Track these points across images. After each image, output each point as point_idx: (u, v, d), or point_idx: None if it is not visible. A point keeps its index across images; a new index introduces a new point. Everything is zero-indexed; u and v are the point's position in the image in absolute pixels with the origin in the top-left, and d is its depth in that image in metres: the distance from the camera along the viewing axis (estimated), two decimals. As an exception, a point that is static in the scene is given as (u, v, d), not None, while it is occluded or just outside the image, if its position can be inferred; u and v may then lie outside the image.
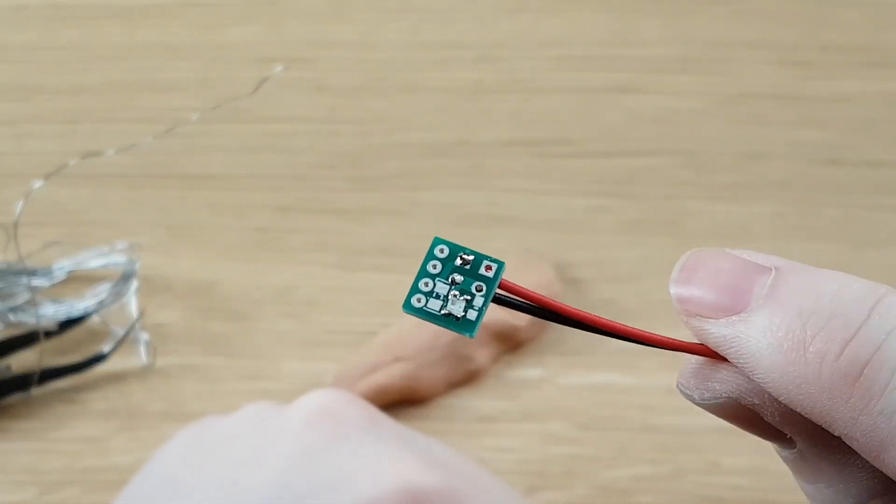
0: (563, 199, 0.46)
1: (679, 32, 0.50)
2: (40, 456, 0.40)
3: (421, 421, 0.41)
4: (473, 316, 0.18)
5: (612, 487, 0.39)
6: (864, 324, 0.16)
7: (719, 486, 0.39)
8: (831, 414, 0.16)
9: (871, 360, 0.16)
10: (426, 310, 0.18)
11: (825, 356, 0.16)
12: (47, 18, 0.52)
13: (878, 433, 0.16)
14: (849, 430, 0.16)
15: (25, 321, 0.42)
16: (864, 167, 0.47)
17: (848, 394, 0.16)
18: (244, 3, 0.52)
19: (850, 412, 0.16)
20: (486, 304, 0.18)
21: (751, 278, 0.17)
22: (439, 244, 0.19)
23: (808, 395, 0.16)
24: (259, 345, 0.43)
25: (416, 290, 0.19)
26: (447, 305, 0.18)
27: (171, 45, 0.51)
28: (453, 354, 0.41)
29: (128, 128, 0.48)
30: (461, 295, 0.18)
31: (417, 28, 0.51)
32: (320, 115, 0.49)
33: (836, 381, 0.16)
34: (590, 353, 0.42)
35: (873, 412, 0.16)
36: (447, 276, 0.19)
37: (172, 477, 0.31)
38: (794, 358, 0.16)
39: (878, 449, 0.16)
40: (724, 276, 0.18)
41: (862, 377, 0.16)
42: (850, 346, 0.16)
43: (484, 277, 0.19)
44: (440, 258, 0.19)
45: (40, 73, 0.51)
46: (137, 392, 0.41)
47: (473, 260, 0.19)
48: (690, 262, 0.18)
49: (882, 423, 0.16)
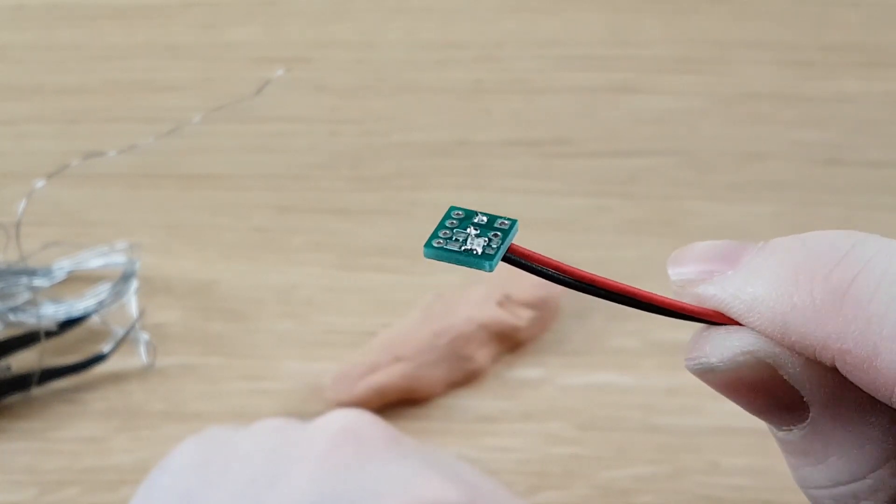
0: (563, 199, 0.46)
1: (679, 32, 0.50)
2: (40, 456, 0.40)
3: (421, 421, 0.41)
4: (492, 251, 0.19)
5: (612, 487, 0.39)
6: (849, 252, 0.18)
7: (719, 486, 0.39)
8: (825, 330, 0.17)
9: (857, 275, 0.17)
10: (447, 248, 0.19)
11: (814, 280, 0.17)
12: (47, 18, 0.52)
13: (869, 337, 0.17)
14: (842, 343, 0.17)
15: (25, 321, 0.42)
16: (864, 167, 0.47)
17: (839, 307, 0.17)
18: (244, 3, 0.52)
19: (842, 324, 0.17)
20: (504, 244, 0.19)
21: (742, 247, 0.19)
22: (455, 210, 0.20)
23: (802, 318, 0.17)
24: (259, 345, 0.43)
25: (437, 235, 0.19)
26: (466, 243, 0.19)
27: (171, 45, 0.51)
28: (453, 354, 0.41)
29: (128, 128, 0.48)
30: (480, 237, 0.19)
31: (417, 28, 0.51)
32: (320, 115, 0.49)
33: (828, 297, 0.17)
34: (590, 353, 0.42)
35: (862, 319, 0.17)
36: (465, 228, 0.19)
37: (185, 492, 0.31)
38: (788, 290, 0.18)
39: (872, 355, 0.17)
40: (718, 249, 0.19)
41: (849, 290, 0.17)
42: (837, 268, 0.17)
43: (500, 229, 0.19)
44: (457, 218, 0.20)
45: (40, 73, 0.51)
46: (137, 392, 0.42)
47: (488, 220, 0.20)
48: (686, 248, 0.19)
49: (872, 328, 0.17)
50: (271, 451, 0.31)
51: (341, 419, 0.32)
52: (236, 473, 0.31)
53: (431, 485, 0.30)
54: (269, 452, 0.31)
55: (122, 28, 0.52)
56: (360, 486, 0.30)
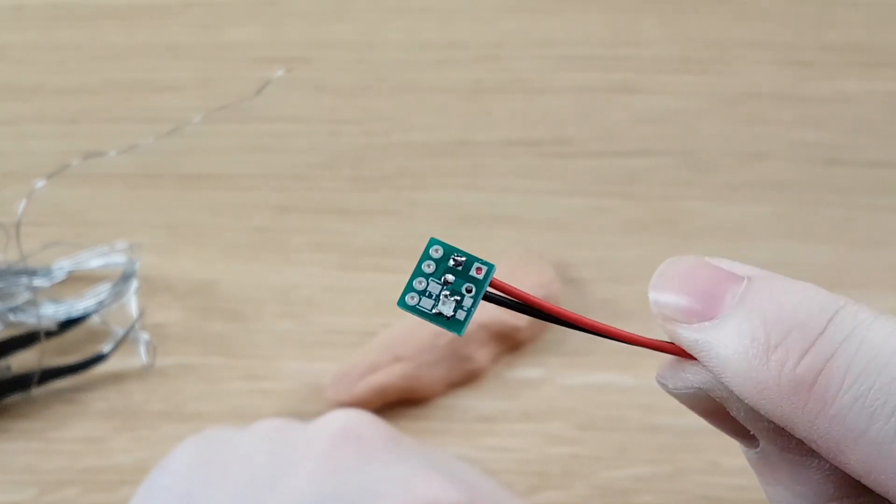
0: (563, 199, 0.46)
1: (679, 32, 0.50)
2: (40, 456, 0.40)
3: (421, 421, 0.41)
4: (462, 316, 0.19)
5: (612, 487, 0.39)
6: (821, 335, 0.17)
7: (719, 486, 0.39)
8: (791, 418, 0.17)
9: (825, 368, 0.17)
10: (419, 308, 0.20)
11: (784, 364, 0.17)
12: (47, 18, 0.52)
13: (833, 435, 0.17)
14: (807, 433, 0.17)
15: (25, 321, 0.42)
16: (864, 167, 0.47)
17: (805, 399, 0.17)
18: (244, 3, 0.52)
19: (808, 416, 0.17)
20: (474, 305, 0.19)
21: (724, 286, 0.18)
22: (434, 244, 0.20)
23: (769, 400, 0.17)
24: (259, 345, 0.43)
25: (411, 288, 0.20)
26: (438, 305, 0.20)
27: (171, 45, 0.51)
28: (453, 354, 0.41)
29: (128, 128, 0.48)
30: (452, 295, 0.20)
31: (417, 28, 0.51)
32: (320, 115, 0.49)
33: (794, 387, 0.17)
34: (590, 353, 0.42)
35: (828, 416, 0.17)
36: (440, 276, 0.20)
37: (184, 492, 0.31)
38: (758, 365, 0.17)
39: (836, 451, 0.17)
40: (699, 284, 0.19)
41: (816, 384, 0.17)
42: (807, 356, 0.17)
43: (474, 279, 0.20)
44: (434, 258, 0.20)
45: (40, 73, 0.51)
46: (137, 392, 0.42)
47: (465, 261, 0.20)
48: (668, 269, 0.19)
49: (836, 426, 0.17)
50: (271, 451, 0.31)
51: (341, 419, 0.32)
52: (236, 474, 0.31)
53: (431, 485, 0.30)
54: (269, 453, 0.31)
55: (122, 28, 0.52)
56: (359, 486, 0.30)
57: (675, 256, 0.19)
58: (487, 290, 0.19)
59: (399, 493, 0.29)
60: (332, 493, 0.29)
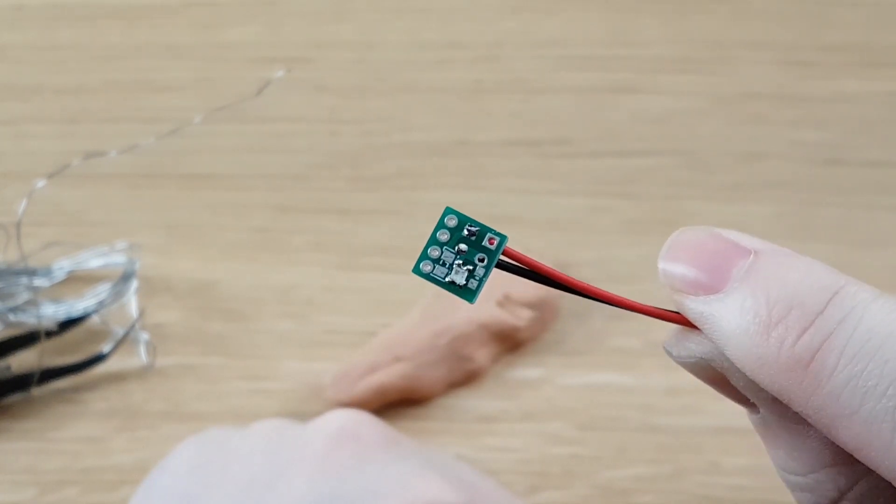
0: (563, 199, 0.46)
1: (679, 32, 0.50)
2: (40, 456, 0.40)
3: (421, 421, 0.41)
4: (474, 285, 0.20)
5: (612, 487, 0.39)
6: (820, 315, 0.18)
7: (719, 486, 0.39)
8: (788, 392, 0.18)
9: (822, 347, 0.18)
10: (432, 275, 0.20)
11: (784, 342, 0.18)
12: (46, 18, 0.52)
13: (827, 412, 0.17)
14: (803, 408, 0.18)
15: (25, 321, 0.42)
16: (864, 167, 0.47)
17: (801, 376, 0.18)
18: (244, 3, 0.52)
19: (804, 392, 0.18)
20: (486, 274, 0.20)
21: (730, 260, 0.19)
22: (449, 214, 0.21)
23: (768, 374, 0.18)
24: (259, 345, 0.43)
25: (426, 256, 0.20)
26: (451, 274, 0.20)
27: (171, 45, 0.51)
28: (453, 354, 0.41)
29: (128, 128, 0.48)
30: (464, 265, 0.20)
31: (417, 28, 0.51)
32: (320, 115, 0.49)
33: (792, 364, 0.18)
34: (590, 353, 0.42)
35: (823, 393, 0.17)
36: (454, 246, 0.20)
37: (183, 492, 0.31)
38: (759, 341, 0.18)
39: (830, 426, 0.18)
40: (707, 256, 0.19)
41: (813, 362, 0.18)
42: (805, 335, 0.18)
43: (487, 249, 0.20)
44: (449, 227, 0.20)
45: (40, 73, 0.51)
46: (137, 392, 0.42)
47: (478, 232, 0.20)
48: (678, 240, 0.20)
49: (830, 403, 0.17)
50: (270, 452, 0.31)
51: (339, 420, 0.32)
52: (235, 474, 0.31)
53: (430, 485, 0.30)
54: (268, 453, 0.31)
55: (122, 28, 0.52)
56: (358, 486, 0.30)
57: (686, 227, 0.20)
58: (500, 258, 0.20)
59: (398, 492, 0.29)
60: (330, 493, 0.29)
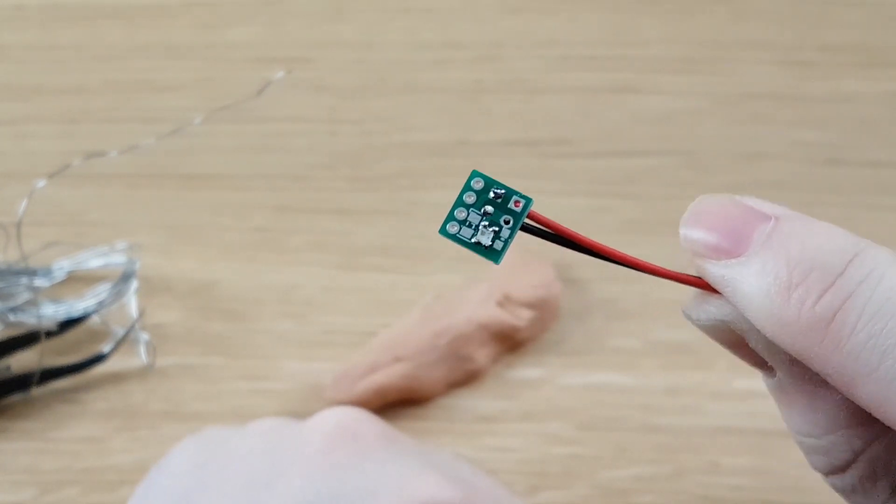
0: (563, 199, 0.46)
1: (679, 32, 0.50)
2: (40, 456, 0.40)
3: (421, 421, 0.41)
4: (500, 246, 0.20)
5: (612, 487, 0.39)
6: (840, 276, 0.18)
7: (719, 486, 0.39)
8: (808, 352, 0.18)
9: (842, 307, 0.18)
10: (458, 236, 0.21)
11: (804, 302, 0.18)
12: (47, 18, 0.52)
13: (847, 370, 0.18)
14: (823, 368, 0.18)
15: (25, 321, 0.42)
16: (864, 167, 0.47)
17: (822, 336, 0.18)
18: (244, 3, 0.52)
19: (824, 352, 0.18)
20: (511, 236, 0.21)
21: (752, 225, 0.19)
22: (476, 177, 0.21)
23: (788, 335, 0.18)
24: (259, 345, 0.43)
25: (452, 217, 0.21)
26: (477, 235, 0.21)
27: (171, 45, 0.51)
28: (453, 354, 0.41)
29: (128, 128, 0.48)
30: (490, 226, 0.21)
31: (417, 28, 0.51)
32: (320, 115, 0.49)
33: (813, 324, 0.18)
34: (590, 353, 0.42)
35: (843, 352, 0.18)
36: (480, 208, 0.21)
37: (182, 492, 0.31)
38: (780, 302, 0.18)
39: (849, 384, 0.18)
40: (728, 222, 0.20)
41: (833, 322, 0.18)
42: (826, 295, 0.18)
43: (512, 211, 0.21)
44: (475, 189, 0.21)
45: (40, 73, 0.51)
46: (137, 392, 0.42)
47: (504, 194, 0.21)
48: (700, 206, 0.21)
49: (850, 362, 0.18)
50: (268, 451, 0.31)
51: (336, 417, 0.32)
52: (234, 474, 0.31)
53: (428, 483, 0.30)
54: (266, 453, 0.31)
55: (122, 28, 0.52)
56: (356, 484, 0.29)
57: (707, 194, 0.21)
58: (525, 221, 0.21)
59: (395, 490, 0.29)
60: (328, 492, 0.29)
